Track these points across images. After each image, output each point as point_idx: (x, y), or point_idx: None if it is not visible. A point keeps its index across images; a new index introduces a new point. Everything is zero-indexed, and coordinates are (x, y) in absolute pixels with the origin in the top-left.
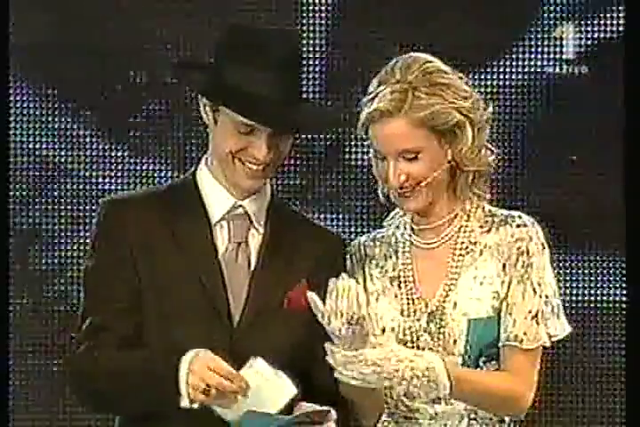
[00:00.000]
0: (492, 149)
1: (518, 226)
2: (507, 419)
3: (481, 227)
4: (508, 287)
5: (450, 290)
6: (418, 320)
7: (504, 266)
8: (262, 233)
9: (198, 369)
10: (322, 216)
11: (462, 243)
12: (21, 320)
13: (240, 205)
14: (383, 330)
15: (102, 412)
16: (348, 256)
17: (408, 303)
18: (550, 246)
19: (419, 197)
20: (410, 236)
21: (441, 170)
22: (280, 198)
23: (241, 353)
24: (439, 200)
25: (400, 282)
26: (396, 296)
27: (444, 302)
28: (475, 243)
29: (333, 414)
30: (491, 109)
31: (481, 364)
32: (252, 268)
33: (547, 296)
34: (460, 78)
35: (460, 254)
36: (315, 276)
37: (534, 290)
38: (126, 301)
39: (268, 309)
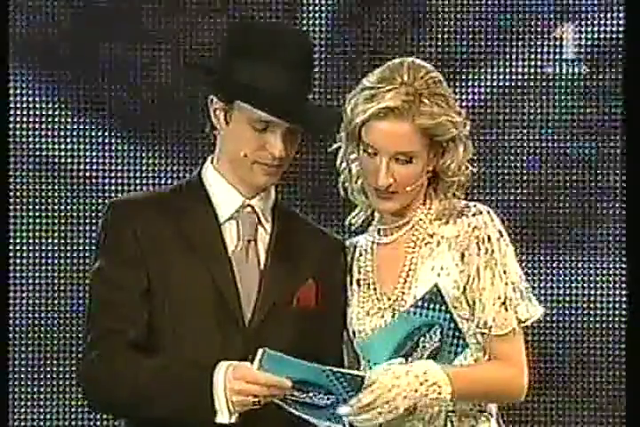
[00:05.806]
0: (470, 165)
1: (474, 215)
2: (491, 410)
3: (439, 219)
4: (477, 274)
5: (408, 283)
6: (382, 317)
7: (462, 255)
8: (270, 232)
9: (238, 387)
10: (321, 217)
11: (419, 235)
12: (21, 320)
13: (249, 205)
14: (354, 333)
15: (118, 418)
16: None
17: (372, 302)
18: (551, 247)
19: (398, 200)
20: (373, 236)
21: (424, 177)
22: (282, 199)
23: (253, 350)
24: (415, 203)
25: (363, 283)
26: (362, 298)
27: (403, 295)
28: (432, 235)
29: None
30: (469, 126)
31: None
32: (262, 265)
33: (513, 283)
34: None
35: (418, 246)
36: (319, 275)
37: (501, 277)
38: (136, 303)
39: (279, 306)
